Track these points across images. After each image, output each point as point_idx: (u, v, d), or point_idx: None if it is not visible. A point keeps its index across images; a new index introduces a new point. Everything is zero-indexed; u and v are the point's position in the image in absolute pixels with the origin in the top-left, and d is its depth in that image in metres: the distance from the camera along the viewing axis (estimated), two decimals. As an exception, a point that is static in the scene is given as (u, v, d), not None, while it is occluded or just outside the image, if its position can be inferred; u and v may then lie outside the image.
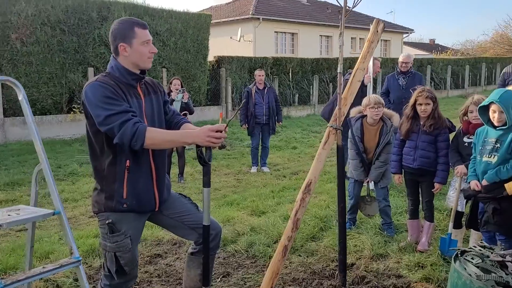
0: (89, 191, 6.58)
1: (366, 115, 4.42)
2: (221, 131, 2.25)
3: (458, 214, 3.85)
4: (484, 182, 3.20)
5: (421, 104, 3.79)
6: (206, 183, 2.41)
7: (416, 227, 4.08)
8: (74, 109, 11.53)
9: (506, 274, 2.08)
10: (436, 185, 3.86)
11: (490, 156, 3.23)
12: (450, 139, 3.92)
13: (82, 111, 2.36)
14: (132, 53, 2.35)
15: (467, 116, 3.76)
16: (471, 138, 3.57)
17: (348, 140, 4.57)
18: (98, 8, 12.13)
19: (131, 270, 2.44)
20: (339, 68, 3.42)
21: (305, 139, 11.99)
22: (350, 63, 20.00)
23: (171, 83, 7.14)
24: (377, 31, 3.76)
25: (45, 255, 4.06)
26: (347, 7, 3.22)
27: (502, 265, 2.17)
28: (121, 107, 2.21)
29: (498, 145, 3.19)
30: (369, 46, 3.73)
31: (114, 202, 2.34)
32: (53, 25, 11.34)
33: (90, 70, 11.71)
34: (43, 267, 2.25)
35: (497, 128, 3.20)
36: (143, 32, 2.37)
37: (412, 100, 3.86)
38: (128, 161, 2.31)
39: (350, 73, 4.89)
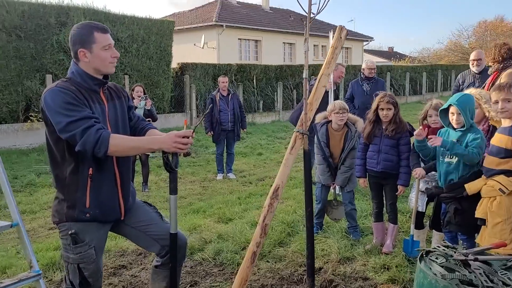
0: (48, 202, 6.34)
1: (331, 121, 4.48)
2: (188, 137, 2.22)
3: (419, 215, 3.95)
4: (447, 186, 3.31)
5: (382, 109, 3.88)
6: (173, 190, 2.37)
7: (381, 230, 4.16)
8: (31, 118, 11.11)
9: (469, 272, 2.14)
10: (399, 188, 3.95)
11: (451, 157, 3.34)
12: (411, 143, 4.03)
13: (40, 120, 2.26)
14: (92, 59, 2.27)
15: (427, 120, 3.88)
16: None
17: (315, 145, 4.62)
18: (57, 14, 11.79)
19: (95, 281, 2.35)
20: (305, 74, 3.45)
21: (270, 145, 12.03)
22: (313, 69, 20.32)
23: (133, 90, 7.02)
24: (341, 37, 3.82)
25: (2, 269, 3.87)
26: (311, 14, 3.26)
27: (465, 264, 2.23)
28: (83, 113, 2.13)
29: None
30: (333, 52, 3.78)
31: (76, 212, 2.25)
32: (8, 30, 10.92)
33: (48, 77, 11.32)
34: (0, 282, 2.13)
35: (456, 130, 3.32)
36: (104, 36, 2.29)
37: (374, 105, 3.94)
38: (91, 169, 2.23)
39: (315, 79, 4.96)
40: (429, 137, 3.32)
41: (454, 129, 3.34)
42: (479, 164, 3.23)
